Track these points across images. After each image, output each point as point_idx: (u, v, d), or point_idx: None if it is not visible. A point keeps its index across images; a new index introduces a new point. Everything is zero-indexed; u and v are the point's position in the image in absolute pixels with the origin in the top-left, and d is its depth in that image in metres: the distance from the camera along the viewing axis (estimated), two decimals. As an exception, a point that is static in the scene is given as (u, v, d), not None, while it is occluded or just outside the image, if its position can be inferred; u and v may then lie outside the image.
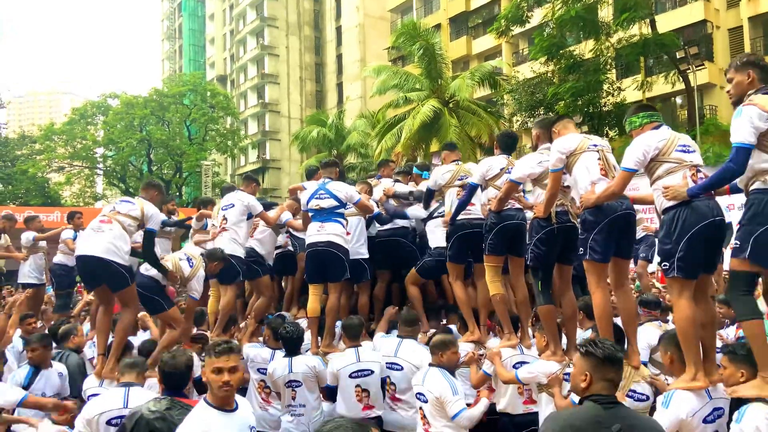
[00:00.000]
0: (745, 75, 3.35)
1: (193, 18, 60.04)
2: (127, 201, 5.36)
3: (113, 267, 4.87)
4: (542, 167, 4.52)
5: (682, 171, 3.53)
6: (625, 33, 19.83)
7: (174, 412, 3.00)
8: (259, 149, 48.82)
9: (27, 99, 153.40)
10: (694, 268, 3.46)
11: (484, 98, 27.71)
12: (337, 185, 5.76)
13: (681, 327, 3.49)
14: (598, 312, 3.99)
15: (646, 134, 3.71)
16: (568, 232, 4.43)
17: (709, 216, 3.40)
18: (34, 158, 36.24)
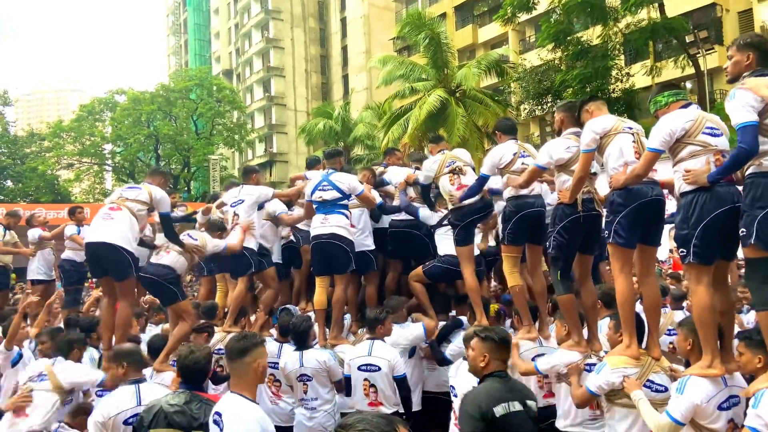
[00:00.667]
0: (744, 56, 3.30)
1: (198, 12, 59.99)
2: (134, 187, 5.37)
3: (120, 253, 4.86)
4: (570, 152, 4.35)
5: (706, 155, 3.41)
6: (634, 18, 19.59)
7: (193, 406, 2.98)
8: (266, 143, 48.86)
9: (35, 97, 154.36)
10: (710, 254, 3.38)
11: (491, 87, 27.53)
12: (340, 176, 5.69)
13: (698, 314, 3.42)
14: (620, 299, 3.86)
15: (674, 114, 3.58)
16: (593, 221, 4.30)
17: (729, 202, 3.31)
18: (43, 156, 36.48)
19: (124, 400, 3.46)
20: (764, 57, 3.27)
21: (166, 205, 5.32)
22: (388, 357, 4.53)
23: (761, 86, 3.12)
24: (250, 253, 5.95)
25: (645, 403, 3.41)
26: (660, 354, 3.88)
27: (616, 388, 3.62)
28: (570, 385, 4.04)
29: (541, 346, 4.71)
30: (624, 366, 3.64)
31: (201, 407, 2.97)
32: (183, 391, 3.09)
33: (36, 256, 8.42)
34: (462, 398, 3.13)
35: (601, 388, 3.66)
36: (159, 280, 5.13)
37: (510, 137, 5.07)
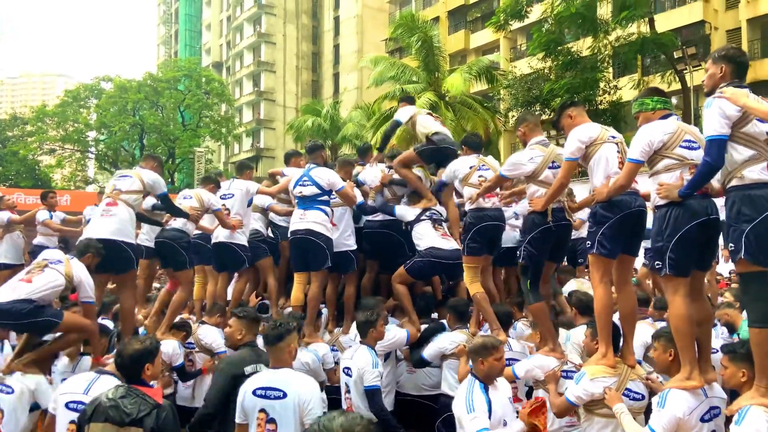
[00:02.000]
0: (718, 68, 3.34)
1: (190, 3, 59.46)
2: (126, 176, 5.40)
3: (121, 247, 5.03)
4: (534, 164, 4.43)
5: (681, 170, 3.43)
6: (624, 31, 19.77)
7: (127, 401, 2.93)
8: (254, 137, 48.55)
9: (20, 80, 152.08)
10: (685, 266, 3.40)
11: (481, 93, 27.60)
12: (320, 171, 5.63)
13: (675, 325, 3.43)
14: (599, 307, 3.89)
15: (653, 124, 3.58)
16: (562, 231, 4.36)
17: (702, 215, 3.33)
18: (26, 140, 35.93)
19: (75, 386, 3.53)
20: (739, 69, 3.31)
21: (161, 186, 5.43)
22: (359, 364, 4.20)
23: (739, 95, 3.12)
24: (242, 249, 5.97)
25: (628, 417, 3.39)
26: (635, 362, 3.90)
27: (596, 399, 3.60)
28: (547, 392, 4.02)
29: (510, 350, 4.66)
30: (602, 375, 3.63)
31: (136, 402, 2.92)
32: (121, 385, 3.06)
33: (4, 240, 8.21)
34: (219, 362, 4.09)
35: (580, 399, 3.64)
36: (173, 244, 5.57)
37: (474, 153, 5.35)
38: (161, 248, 5.73)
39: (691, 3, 23.76)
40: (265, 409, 3.24)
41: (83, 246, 4.83)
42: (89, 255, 4.74)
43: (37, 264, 4.54)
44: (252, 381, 3.37)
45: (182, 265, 5.66)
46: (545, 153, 4.49)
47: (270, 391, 3.27)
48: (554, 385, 3.98)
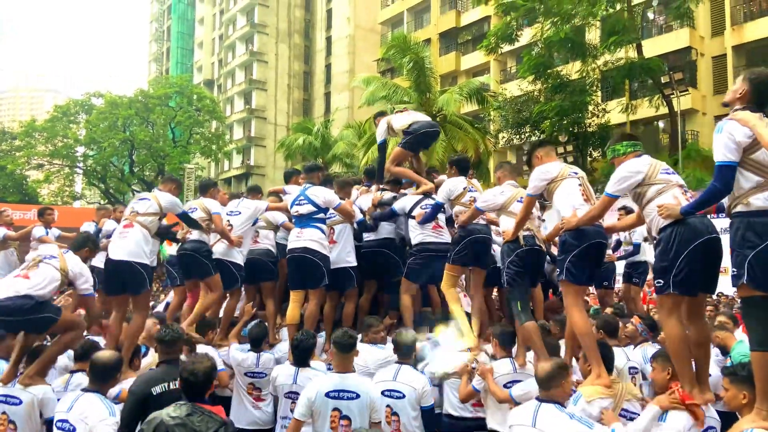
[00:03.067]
0: (742, 87, 3.34)
1: (183, 21, 59.78)
2: (144, 199, 5.54)
3: (135, 268, 5.11)
4: (504, 197, 4.93)
5: (672, 191, 3.57)
6: (612, 56, 20.18)
7: (195, 418, 2.89)
8: (244, 155, 48.54)
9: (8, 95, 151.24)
10: (691, 284, 3.43)
11: (471, 113, 27.91)
12: (316, 190, 5.71)
13: (672, 346, 3.52)
14: (579, 332, 4.06)
15: (630, 161, 3.77)
16: (535, 255, 4.67)
17: (705, 233, 3.40)
18: (13, 155, 35.60)
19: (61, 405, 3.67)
20: (759, 96, 3.30)
21: (178, 207, 5.60)
22: (415, 384, 4.30)
23: (750, 117, 3.14)
24: (237, 268, 5.95)
25: None
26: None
27: (593, 419, 3.61)
28: None
29: (515, 372, 4.70)
30: (599, 396, 3.66)
31: (203, 419, 2.90)
32: (184, 403, 3.01)
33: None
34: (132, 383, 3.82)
35: None
36: (195, 255, 5.70)
37: (462, 175, 5.62)
38: (184, 260, 5.83)
39: (678, 29, 24.29)
40: (339, 408, 3.75)
41: (82, 239, 4.99)
42: (86, 249, 4.88)
43: (33, 260, 4.58)
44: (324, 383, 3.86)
45: (207, 273, 5.74)
46: (514, 191, 4.99)
47: (343, 392, 3.79)
48: None
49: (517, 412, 3.52)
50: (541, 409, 3.32)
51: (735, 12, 24.10)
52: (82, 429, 3.49)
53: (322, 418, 3.73)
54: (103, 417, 3.47)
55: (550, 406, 3.32)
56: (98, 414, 3.48)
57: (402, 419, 4.26)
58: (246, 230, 6.08)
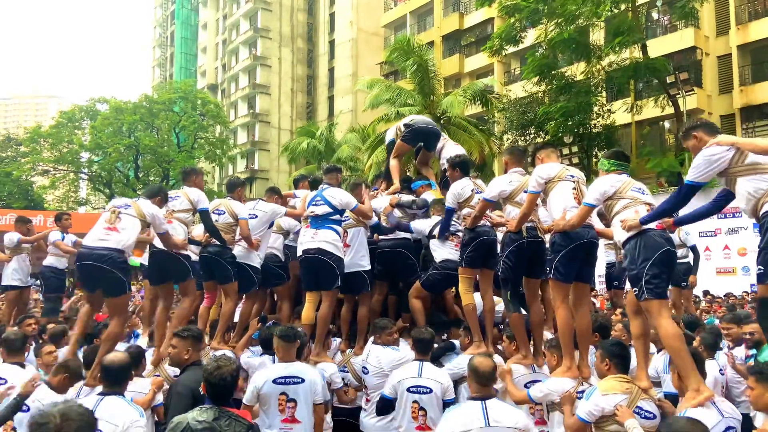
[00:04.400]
0: (692, 139, 3.70)
1: (186, 26, 59.97)
2: (176, 197, 5.86)
3: (177, 259, 5.53)
4: (512, 186, 4.98)
5: (635, 206, 3.90)
6: (617, 56, 20.12)
7: (222, 422, 2.88)
8: (248, 159, 48.63)
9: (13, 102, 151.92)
10: (661, 288, 3.71)
11: (476, 115, 27.90)
12: (334, 191, 5.73)
13: (670, 344, 3.69)
14: (560, 326, 4.39)
15: (605, 177, 4.16)
16: (536, 246, 4.82)
17: (665, 245, 3.74)
18: (19, 161, 35.77)
19: None
20: (711, 128, 3.70)
21: (204, 202, 5.78)
22: (440, 379, 4.45)
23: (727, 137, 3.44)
24: (254, 271, 5.97)
25: (638, 431, 3.40)
26: (590, 374, 4.31)
27: (606, 414, 3.62)
28: (563, 414, 4.04)
29: (534, 372, 4.76)
30: (613, 392, 3.67)
31: (231, 423, 2.89)
32: (210, 407, 2.98)
33: (11, 262, 8.17)
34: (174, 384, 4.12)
35: (591, 414, 3.67)
36: (217, 259, 5.72)
37: (465, 176, 5.71)
38: (207, 263, 5.83)
39: (683, 29, 24.23)
40: (285, 392, 4.04)
41: (156, 188, 5.58)
42: (158, 198, 5.45)
43: (112, 212, 5.01)
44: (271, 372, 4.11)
45: (227, 279, 5.81)
46: (522, 180, 5.04)
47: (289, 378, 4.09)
48: (570, 407, 3.99)
49: (463, 415, 3.46)
50: (489, 405, 3.45)
51: (740, 11, 24.02)
52: (110, 430, 3.36)
53: (272, 402, 4.04)
54: (135, 419, 3.40)
55: (494, 400, 3.52)
56: (129, 416, 3.40)
57: (429, 413, 4.35)
58: (263, 233, 6.08)
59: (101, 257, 4.84)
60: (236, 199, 6.12)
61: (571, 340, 4.33)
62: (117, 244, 4.93)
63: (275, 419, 4.01)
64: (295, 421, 4.05)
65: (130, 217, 5.08)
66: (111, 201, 5.54)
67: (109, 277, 4.88)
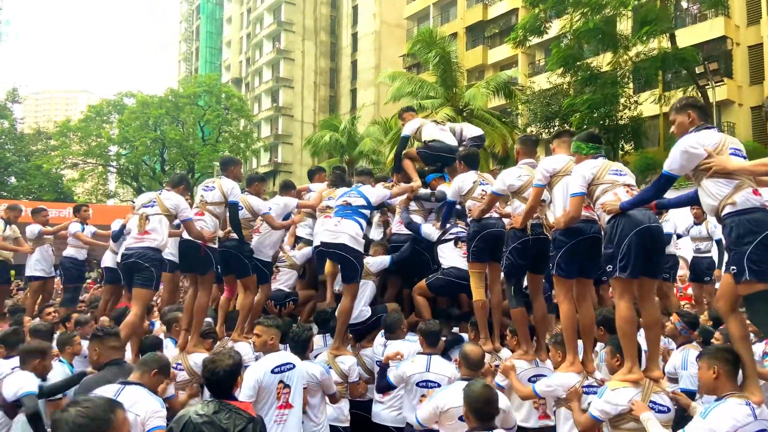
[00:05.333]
0: (685, 116, 3.65)
1: (211, 21, 60.54)
2: (209, 188, 5.77)
3: (204, 251, 5.48)
4: (521, 181, 4.85)
5: (614, 190, 3.94)
6: (645, 47, 19.68)
7: (222, 416, 2.89)
8: (271, 152, 48.99)
9: (44, 96, 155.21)
10: (633, 268, 3.71)
11: (499, 108, 27.62)
12: (369, 189, 5.93)
13: (620, 325, 3.84)
14: (564, 321, 4.37)
15: (583, 164, 4.16)
16: (541, 244, 4.75)
17: (645, 222, 3.73)
18: (49, 154, 36.53)
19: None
20: (703, 113, 3.69)
21: (236, 195, 5.74)
22: (448, 373, 4.39)
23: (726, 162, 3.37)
24: (266, 266, 6.11)
25: (655, 424, 3.35)
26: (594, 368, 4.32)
27: (622, 412, 3.57)
28: (570, 410, 4.00)
29: (537, 367, 4.73)
30: (623, 386, 3.63)
31: (230, 417, 2.90)
32: (211, 401, 3.01)
33: (34, 253, 8.34)
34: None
35: (604, 412, 3.62)
36: (235, 253, 5.78)
37: (471, 169, 5.64)
38: (225, 257, 5.90)
39: (713, 18, 23.63)
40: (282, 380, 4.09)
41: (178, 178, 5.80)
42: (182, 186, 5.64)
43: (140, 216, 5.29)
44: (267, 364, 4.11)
45: (246, 273, 5.90)
46: (531, 173, 4.86)
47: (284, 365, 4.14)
48: (577, 403, 3.96)
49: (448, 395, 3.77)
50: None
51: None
52: (132, 421, 3.28)
53: (271, 391, 4.05)
54: (156, 409, 3.39)
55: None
56: (151, 406, 3.39)
57: None
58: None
59: (139, 254, 5.28)
60: (253, 194, 6.20)
61: (575, 335, 4.31)
62: (151, 243, 5.33)
63: (271, 408, 4.02)
64: (288, 406, 4.09)
65: (157, 216, 5.36)
66: (138, 198, 5.70)
67: (142, 269, 5.26)
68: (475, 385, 3.26)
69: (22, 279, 10.69)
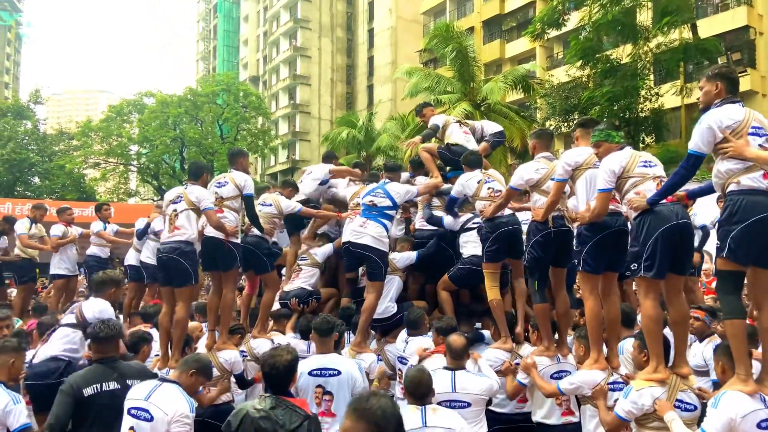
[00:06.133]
0: (713, 85, 3.54)
1: (228, 19, 60.88)
2: (222, 184, 5.73)
3: (227, 246, 5.49)
4: (539, 174, 4.87)
5: (644, 185, 3.82)
6: (666, 38, 19.36)
7: (278, 411, 2.91)
8: (289, 149, 49.19)
9: (65, 97, 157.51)
10: (659, 268, 3.64)
11: (517, 102, 27.40)
12: (396, 186, 5.95)
13: (645, 325, 3.78)
14: (589, 317, 4.31)
15: (611, 157, 4.02)
16: (563, 236, 4.73)
17: (672, 219, 3.63)
18: (71, 154, 37.06)
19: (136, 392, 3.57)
20: (732, 85, 3.54)
21: (250, 187, 5.73)
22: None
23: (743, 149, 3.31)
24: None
25: (679, 424, 3.33)
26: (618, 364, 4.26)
27: (647, 412, 3.54)
28: (595, 408, 3.97)
29: (559, 363, 4.69)
30: (648, 386, 3.59)
31: (287, 413, 2.91)
32: (268, 396, 3.03)
33: (58, 251, 8.48)
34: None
35: (630, 413, 3.59)
36: (254, 250, 5.86)
37: (476, 169, 5.69)
38: (245, 254, 5.93)
39: (735, 8, 23.18)
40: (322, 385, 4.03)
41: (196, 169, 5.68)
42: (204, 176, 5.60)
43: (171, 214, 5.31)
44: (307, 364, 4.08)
45: (265, 270, 6.00)
46: (549, 166, 4.89)
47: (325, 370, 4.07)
48: (603, 401, 3.92)
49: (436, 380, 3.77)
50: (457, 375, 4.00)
51: (798, -13, 22.83)
52: (161, 419, 3.37)
53: (308, 395, 4.00)
54: (184, 412, 3.40)
55: (462, 372, 4.04)
56: (180, 407, 3.40)
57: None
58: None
59: (172, 249, 5.27)
60: (286, 196, 6.49)
61: (600, 331, 4.26)
62: (182, 237, 5.34)
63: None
64: (331, 415, 3.98)
65: (185, 212, 5.38)
66: (166, 194, 5.71)
67: (177, 266, 5.25)
68: (411, 370, 3.63)
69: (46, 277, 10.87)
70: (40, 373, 4.65)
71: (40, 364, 4.76)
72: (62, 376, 4.45)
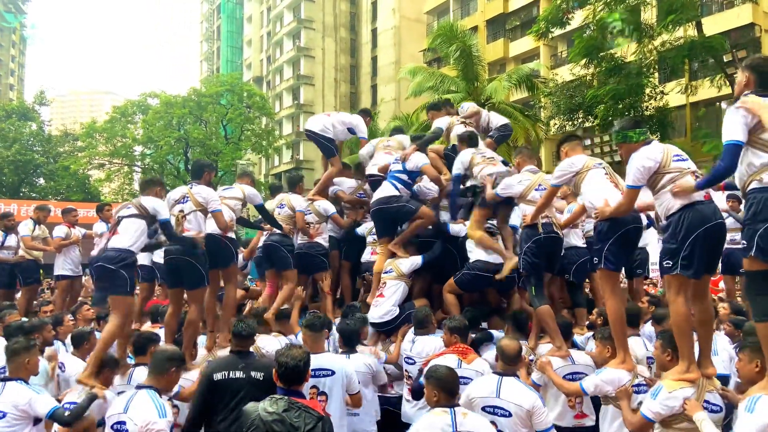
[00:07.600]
0: (744, 76, 3.49)
1: (232, 20, 60.97)
2: (229, 188, 6.25)
3: (223, 242, 5.61)
4: (522, 185, 5.19)
5: (684, 179, 3.69)
6: (670, 36, 19.27)
7: (292, 414, 2.84)
8: (293, 149, 49.21)
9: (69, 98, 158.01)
10: (697, 266, 3.57)
11: (521, 101, 27.32)
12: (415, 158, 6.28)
13: (676, 323, 3.69)
14: (612, 317, 4.23)
15: (641, 151, 3.86)
16: (553, 242, 4.92)
17: (712, 219, 3.57)
18: (76, 155, 37.17)
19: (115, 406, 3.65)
20: (763, 78, 3.42)
21: (257, 198, 6.22)
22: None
23: (759, 107, 3.25)
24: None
25: (709, 424, 3.28)
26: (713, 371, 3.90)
27: (676, 413, 3.50)
28: (618, 408, 3.93)
29: (573, 364, 4.63)
30: (680, 387, 3.54)
31: (300, 415, 2.84)
32: (281, 398, 2.94)
33: (62, 252, 8.47)
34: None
35: (659, 414, 3.55)
36: (278, 246, 6.24)
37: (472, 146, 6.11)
38: (268, 251, 6.43)
39: (740, 5, 23.06)
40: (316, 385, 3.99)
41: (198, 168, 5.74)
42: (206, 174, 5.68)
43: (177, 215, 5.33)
44: None
45: (287, 266, 6.30)
46: (533, 178, 5.24)
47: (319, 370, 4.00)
48: (627, 402, 3.88)
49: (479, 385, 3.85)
50: (504, 381, 3.75)
51: (804, -16, 22.68)
52: (131, 429, 3.42)
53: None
54: (152, 420, 3.38)
55: (511, 378, 3.79)
56: (149, 416, 3.39)
57: None
58: None
59: (183, 251, 5.25)
60: (297, 193, 6.79)
61: (624, 331, 4.22)
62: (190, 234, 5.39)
63: None
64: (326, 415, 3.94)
65: (192, 213, 5.39)
66: (169, 194, 5.64)
67: (188, 268, 5.23)
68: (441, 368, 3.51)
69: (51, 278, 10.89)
70: (104, 258, 4.99)
71: (109, 250, 5.08)
72: (121, 263, 4.88)
